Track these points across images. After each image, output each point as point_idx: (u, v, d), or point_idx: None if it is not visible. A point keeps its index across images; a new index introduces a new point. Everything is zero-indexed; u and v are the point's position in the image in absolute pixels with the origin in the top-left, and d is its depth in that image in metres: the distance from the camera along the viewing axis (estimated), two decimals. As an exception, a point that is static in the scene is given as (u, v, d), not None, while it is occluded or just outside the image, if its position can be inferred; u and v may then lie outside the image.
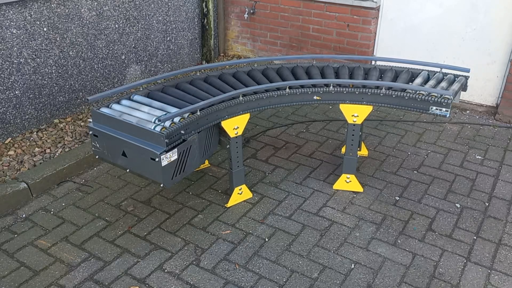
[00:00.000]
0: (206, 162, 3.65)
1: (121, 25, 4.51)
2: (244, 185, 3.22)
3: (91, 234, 2.92)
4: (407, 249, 2.82)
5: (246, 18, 5.55)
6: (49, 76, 3.99)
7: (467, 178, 3.51)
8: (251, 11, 5.47)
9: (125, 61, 4.68)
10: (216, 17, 5.64)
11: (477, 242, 2.88)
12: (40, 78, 3.92)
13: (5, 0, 3.47)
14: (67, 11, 3.98)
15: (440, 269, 2.68)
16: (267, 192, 3.34)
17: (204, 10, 5.41)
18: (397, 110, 4.58)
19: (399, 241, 2.88)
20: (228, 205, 3.18)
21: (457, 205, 3.22)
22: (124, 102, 2.89)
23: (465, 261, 2.74)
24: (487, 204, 3.22)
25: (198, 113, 2.72)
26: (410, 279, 2.60)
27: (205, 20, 5.46)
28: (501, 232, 2.96)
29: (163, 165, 2.53)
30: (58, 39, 3.97)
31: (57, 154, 3.62)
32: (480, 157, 3.79)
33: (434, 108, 2.90)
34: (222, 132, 3.05)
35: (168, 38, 5.10)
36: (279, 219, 3.07)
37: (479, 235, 2.94)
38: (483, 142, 4.02)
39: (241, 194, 3.22)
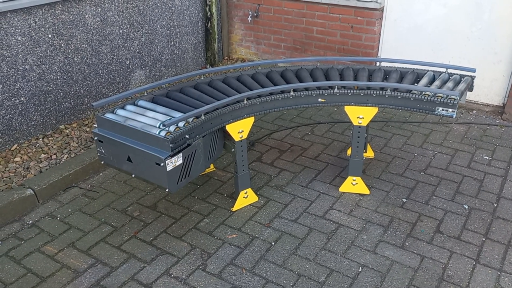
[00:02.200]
0: (212, 166, 3.64)
1: (125, 30, 4.52)
2: (249, 188, 3.21)
3: (98, 240, 2.92)
4: (415, 252, 2.79)
5: (249, 21, 5.55)
6: (54, 82, 4.01)
7: (475, 179, 3.48)
8: (255, 14, 5.47)
9: (130, 66, 4.69)
10: (219, 20, 5.64)
11: (486, 244, 2.85)
12: (45, 84, 3.94)
13: (10, 8, 3.49)
14: (71, 17, 4.00)
15: (449, 272, 2.65)
16: (273, 195, 3.32)
17: (208, 14, 5.41)
18: (403, 111, 4.55)
19: (407, 244, 2.85)
20: (234, 209, 3.17)
21: (465, 206, 3.19)
22: (128, 107, 2.90)
23: (474, 263, 2.71)
24: (495, 205, 3.19)
25: (203, 117, 2.71)
26: (419, 282, 2.58)
27: (209, 24, 5.46)
28: (510, 233, 2.92)
29: (168, 170, 2.53)
30: (62, 45, 3.99)
31: (63, 160, 3.63)
32: (487, 158, 3.76)
33: (440, 108, 2.88)
34: (227, 136, 3.04)
35: (172, 43, 5.11)
36: (285, 222, 3.05)
37: (488, 237, 2.91)
38: (490, 142, 3.99)
39: (246, 198, 3.21)
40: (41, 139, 3.94)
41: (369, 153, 3.78)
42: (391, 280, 2.59)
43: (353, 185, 3.31)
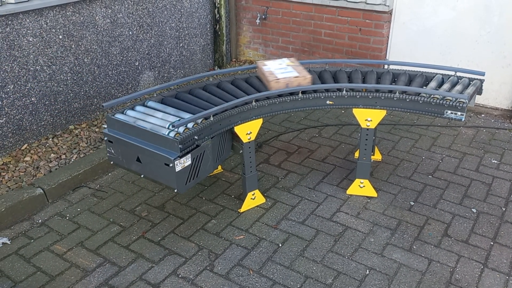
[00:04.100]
0: (219, 167, 3.66)
1: (134, 32, 4.56)
2: (257, 190, 3.22)
3: (106, 239, 2.95)
4: (422, 255, 2.79)
5: (258, 23, 5.57)
6: (65, 83, 4.05)
7: (483, 183, 3.47)
8: (263, 16, 5.49)
9: (139, 67, 4.72)
10: (228, 23, 5.67)
11: (494, 248, 2.84)
12: (55, 85, 3.98)
13: (22, 9, 3.54)
14: (82, 18, 4.04)
15: (457, 275, 2.64)
16: (280, 197, 3.33)
17: (216, 16, 5.44)
18: (411, 114, 4.54)
19: (414, 247, 2.85)
20: (241, 210, 3.19)
21: (473, 210, 3.17)
22: (138, 108, 2.92)
23: (482, 267, 2.70)
24: (504, 209, 3.18)
25: (211, 118, 2.73)
26: (426, 286, 2.57)
27: (217, 26, 5.49)
28: (519, 238, 2.91)
29: (177, 170, 2.55)
30: (73, 46, 4.03)
31: (72, 160, 3.66)
32: (496, 161, 3.74)
33: (449, 112, 2.87)
34: (235, 137, 3.05)
35: (181, 44, 5.14)
36: (293, 224, 3.06)
37: (496, 241, 2.89)
38: (499, 146, 3.97)
39: (254, 199, 3.22)
40: (51, 139, 3.98)
41: (377, 156, 3.78)
42: (398, 283, 2.59)
43: (361, 187, 3.31)
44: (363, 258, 2.77)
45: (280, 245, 2.88)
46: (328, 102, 3.09)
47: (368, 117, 3.09)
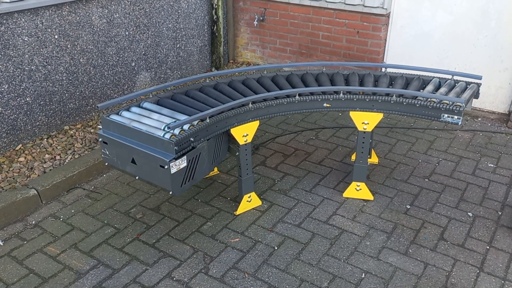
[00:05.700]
0: (215, 169, 3.64)
1: (131, 32, 4.54)
2: (253, 192, 3.20)
3: (100, 241, 2.92)
4: (418, 259, 2.77)
5: (255, 25, 5.56)
6: (60, 83, 4.02)
7: (479, 187, 3.46)
8: (261, 18, 5.48)
9: (135, 68, 4.70)
10: (225, 24, 5.66)
11: (490, 252, 2.83)
12: (51, 85, 3.95)
13: (17, 8, 3.51)
14: (78, 18, 4.01)
15: (453, 279, 2.63)
16: (276, 199, 3.32)
17: (214, 17, 5.43)
18: (408, 117, 4.54)
19: (410, 251, 2.84)
20: (237, 212, 3.17)
21: (469, 214, 3.17)
22: (133, 109, 2.90)
23: (478, 271, 2.69)
24: (500, 213, 3.17)
25: (208, 120, 2.71)
26: (422, 290, 2.56)
27: (215, 27, 5.47)
28: (515, 242, 2.91)
29: (172, 172, 2.53)
30: (69, 46, 4.01)
31: (67, 161, 3.63)
32: (492, 165, 3.74)
33: (446, 115, 2.87)
34: (231, 139, 3.04)
35: (178, 45, 5.12)
36: (289, 227, 3.04)
37: (492, 245, 2.89)
38: (495, 150, 3.97)
39: (250, 202, 3.20)
40: (45, 139, 3.95)
41: (374, 159, 3.77)
42: (394, 286, 2.58)
43: (357, 190, 3.30)
44: (359, 262, 2.75)
45: (276, 248, 2.86)
46: (325, 104, 3.08)
47: (365, 120, 3.08)
